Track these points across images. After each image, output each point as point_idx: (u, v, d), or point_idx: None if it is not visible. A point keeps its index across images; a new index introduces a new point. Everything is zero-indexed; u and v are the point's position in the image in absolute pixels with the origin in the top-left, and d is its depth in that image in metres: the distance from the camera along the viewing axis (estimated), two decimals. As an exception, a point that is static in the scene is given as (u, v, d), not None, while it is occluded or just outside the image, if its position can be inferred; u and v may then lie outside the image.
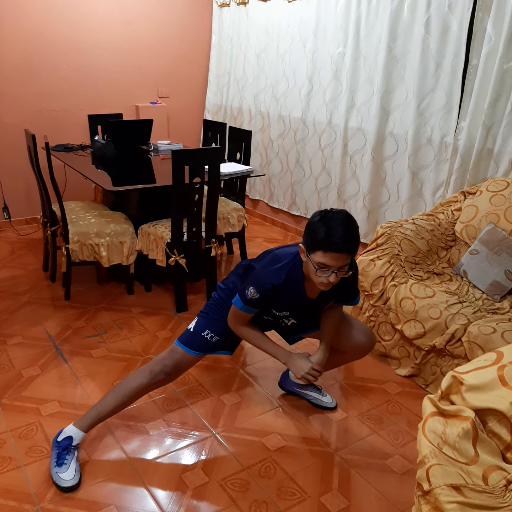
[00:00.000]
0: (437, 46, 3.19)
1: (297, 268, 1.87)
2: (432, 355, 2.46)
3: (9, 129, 4.33)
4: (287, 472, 1.99)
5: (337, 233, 1.65)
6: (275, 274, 1.86)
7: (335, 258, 1.67)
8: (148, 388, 2.02)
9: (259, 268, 1.93)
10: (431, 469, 1.17)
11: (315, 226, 1.70)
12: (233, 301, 1.96)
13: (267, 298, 1.87)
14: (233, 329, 2.04)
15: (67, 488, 1.86)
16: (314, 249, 1.70)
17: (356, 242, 1.71)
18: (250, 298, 1.88)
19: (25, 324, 2.97)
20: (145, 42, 4.78)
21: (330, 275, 1.71)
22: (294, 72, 4.34)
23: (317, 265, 1.71)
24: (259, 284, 1.86)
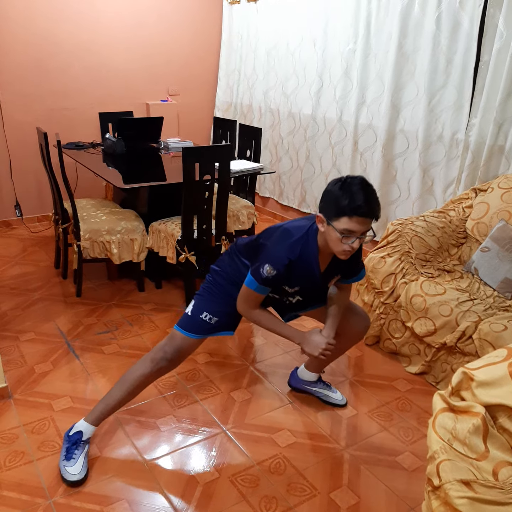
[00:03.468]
0: (448, 43, 3.17)
1: (312, 241, 1.85)
2: (442, 352, 2.45)
3: (21, 128, 4.37)
4: (297, 468, 2.00)
5: (360, 198, 1.66)
6: (291, 249, 1.82)
7: (361, 222, 1.68)
8: (152, 376, 2.00)
9: (272, 244, 1.86)
10: (441, 465, 1.17)
11: (336, 193, 1.69)
12: (246, 282, 1.90)
13: (283, 275, 1.83)
14: (244, 314, 1.99)
15: (72, 482, 1.88)
16: (338, 216, 1.69)
17: (378, 205, 1.72)
18: (266, 276, 1.82)
19: (37, 320, 3.00)
20: (155, 40, 4.79)
21: (354, 241, 1.72)
22: (304, 69, 4.33)
23: (342, 232, 1.70)
24: (276, 260, 1.81)
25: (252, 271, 1.87)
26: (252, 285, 1.87)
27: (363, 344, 2.86)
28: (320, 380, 2.40)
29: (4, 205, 4.51)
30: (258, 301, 1.94)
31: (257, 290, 1.88)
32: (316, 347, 1.95)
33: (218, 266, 2.08)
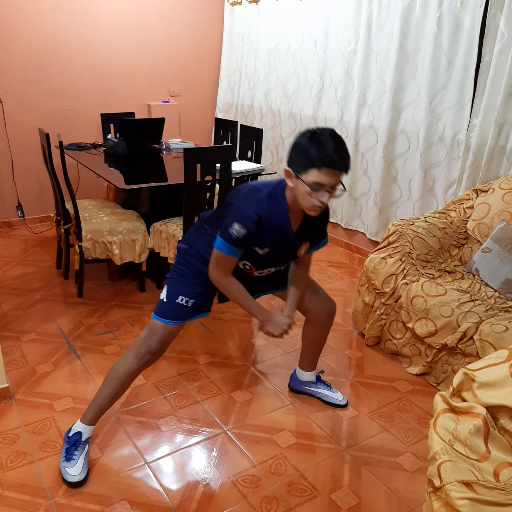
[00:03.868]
0: (449, 43, 3.17)
1: (280, 197, 1.78)
2: (443, 353, 2.45)
3: (23, 128, 4.37)
4: (298, 469, 2.00)
5: (330, 148, 1.59)
6: (259, 204, 1.75)
7: (330, 174, 1.62)
8: (138, 371, 1.97)
9: (239, 202, 1.78)
10: (443, 466, 1.17)
11: (305, 144, 1.63)
12: (215, 245, 1.81)
13: (253, 233, 1.75)
14: (216, 281, 1.90)
15: (73, 483, 1.88)
16: (307, 168, 1.63)
17: (348, 156, 1.65)
18: (237, 236, 1.74)
19: (38, 320, 3.01)
20: (157, 41, 4.80)
21: (323, 195, 1.66)
22: (305, 70, 4.33)
23: (311, 185, 1.64)
24: (244, 217, 1.73)
25: (221, 232, 1.78)
26: (223, 247, 1.79)
27: (364, 345, 2.86)
28: (320, 381, 2.40)
29: (6, 206, 4.52)
30: (230, 266, 1.86)
31: (228, 253, 1.79)
32: (279, 327, 1.96)
33: (186, 244, 2.00)
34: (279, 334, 1.97)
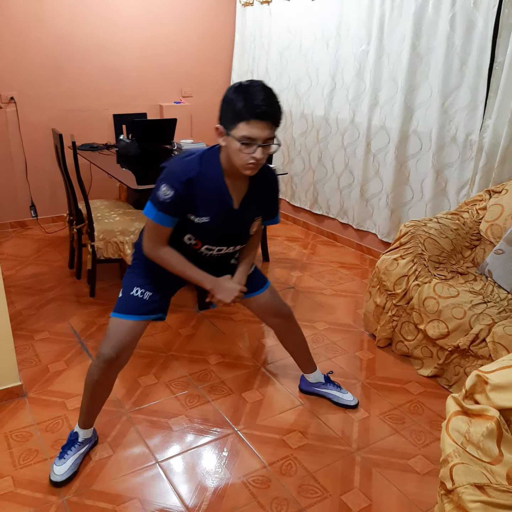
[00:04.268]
0: (462, 43, 3.15)
1: (214, 158, 1.67)
2: (455, 355, 2.43)
3: (37, 129, 4.41)
4: (308, 470, 1.99)
5: (258, 97, 1.51)
6: (188, 165, 1.64)
7: (260, 127, 1.53)
8: (107, 379, 1.88)
9: (169, 164, 1.69)
10: (455, 468, 1.17)
11: (232, 97, 1.53)
12: (144, 211, 1.70)
13: (181, 196, 1.64)
14: (150, 254, 1.79)
15: (52, 482, 1.88)
16: (235, 122, 1.54)
17: (279, 108, 1.56)
18: (164, 198, 1.63)
19: (51, 320, 3.03)
20: (169, 42, 4.82)
21: (256, 150, 1.55)
22: (317, 70, 4.33)
23: (241, 140, 1.54)
24: (172, 178, 1.63)
25: (150, 196, 1.69)
26: (151, 214, 1.68)
27: (375, 346, 2.85)
28: (329, 382, 2.40)
29: (20, 206, 4.56)
30: (163, 235, 1.74)
31: (156, 220, 1.67)
32: (230, 293, 1.86)
33: (139, 238, 1.93)
34: (230, 301, 1.87)
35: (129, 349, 1.87)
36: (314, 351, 2.79)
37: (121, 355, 1.84)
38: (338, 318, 3.16)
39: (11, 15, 4.05)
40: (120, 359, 1.84)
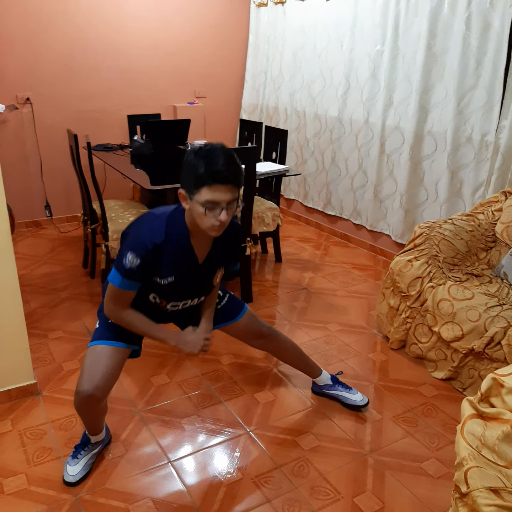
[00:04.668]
0: (478, 43, 3.12)
1: (179, 221, 1.66)
2: (470, 358, 2.41)
3: (52, 129, 4.45)
4: (321, 472, 1.99)
5: (219, 161, 1.50)
6: (155, 232, 1.63)
7: (223, 190, 1.52)
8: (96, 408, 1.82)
9: (134, 230, 1.67)
10: (470, 472, 1.15)
11: (192, 162, 1.53)
12: (109, 278, 1.67)
13: (149, 263, 1.62)
14: (112, 317, 1.76)
15: (66, 482, 1.90)
16: (197, 187, 1.52)
17: (240, 170, 1.56)
18: (130, 267, 1.60)
19: (64, 319, 3.06)
20: (183, 42, 4.84)
21: (220, 213, 1.55)
22: (331, 71, 4.31)
23: (204, 205, 1.53)
24: (138, 246, 1.60)
25: (115, 264, 1.65)
26: (116, 281, 1.65)
27: (388, 348, 2.84)
28: (337, 383, 2.38)
29: (35, 206, 4.61)
30: (127, 300, 1.72)
31: (122, 286, 1.65)
32: (195, 345, 1.81)
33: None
34: (197, 352, 1.81)
35: (107, 382, 1.77)
36: (327, 353, 2.78)
37: (100, 390, 1.75)
38: (351, 319, 3.15)
39: (26, 17, 4.10)
40: (99, 394, 1.75)
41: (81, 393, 1.73)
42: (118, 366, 1.82)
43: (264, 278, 3.71)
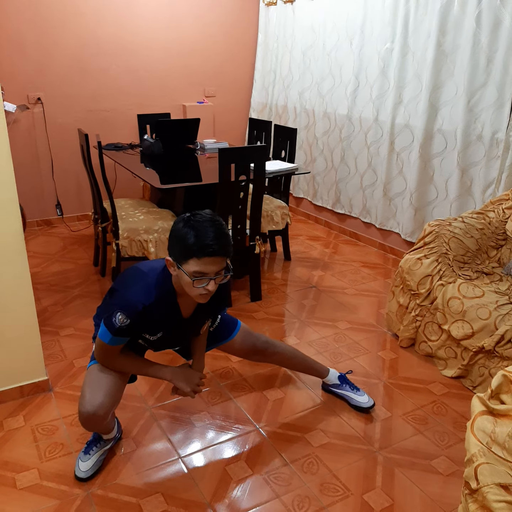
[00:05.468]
0: (489, 41, 3.11)
1: (167, 283, 1.68)
2: (480, 356, 2.40)
3: (63, 128, 4.49)
4: (330, 469, 1.99)
5: (209, 235, 1.50)
6: (143, 292, 1.64)
7: (211, 263, 1.53)
8: (100, 424, 1.82)
9: (124, 288, 1.67)
10: (480, 468, 1.16)
11: (181, 232, 1.53)
12: (99, 334, 1.70)
13: (138, 324, 1.66)
14: (105, 365, 1.80)
15: (78, 477, 1.92)
16: (186, 258, 1.53)
17: (229, 241, 1.57)
18: (120, 326, 1.63)
19: (76, 316, 3.08)
20: (192, 42, 4.85)
21: (208, 283, 1.57)
22: (340, 69, 4.31)
23: (192, 275, 1.54)
24: (128, 307, 1.62)
25: (105, 320, 1.66)
26: (106, 338, 1.68)
27: (398, 346, 2.83)
28: (345, 382, 2.37)
29: (46, 204, 4.65)
30: (116, 351, 1.76)
31: (111, 342, 1.69)
32: (189, 381, 1.83)
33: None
34: (190, 390, 1.83)
35: (110, 401, 1.77)
36: (336, 351, 2.78)
37: (102, 408, 1.74)
38: (360, 317, 3.15)
39: (37, 18, 4.13)
40: (102, 412, 1.74)
41: (84, 413, 1.74)
42: (120, 383, 1.84)
43: (273, 276, 3.72)
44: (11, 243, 2.11)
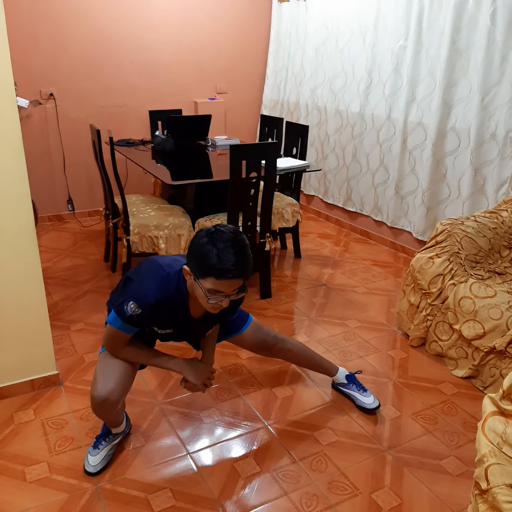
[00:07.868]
0: (504, 38, 3.07)
1: (182, 283, 1.69)
2: (491, 356, 2.38)
3: (74, 124, 4.51)
4: (339, 467, 1.99)
5: (230, 259, 1.49)
6: (159, 286, 1.66)
7: (229, 284, 1.53)
8: (111, 411, 1.83)
9: (139, 279, 1.70)
10: (490, 468, 1.15)
11: (203, 250, 1.52)
12: (108, 319, 1.72)
13: (148, 315, 1.67)
14: (113, 355, 1.81)
15: (87, 471, 1.93)
16: (204, 276, 1.53)
17: (250, 265, 1.56)
18: (131, 314, 1.65)
19: (86, 311, 3.10)
20: (204, 38, 4.85)
21: (223, 300, 1.58)
22: (353, 66, 4.29)
23: (208, 292, 1.55)
24: (142, 297, 1.64)
25: (116, 307, 1.68)
26: (115, 323, 1.69)
27: (408, 345, 2.82)
28: (352, 382, 2.36)
29: (57, 200, 4.68)
30: (125, 340, 1.77)
31: (120, 328, 1.70)
32: (199, 375, 1.83)
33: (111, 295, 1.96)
34: (200, 384, 1.83)
35: (122, 387, 1.79)
36: (346, 349, 2.78)
37: (114, 394, 1.76)
38: (371, 316, 3.14)
39: (49, 14, 4.15)
40: (114, 398, 1.76)
41: (96, 398, 1.75)
42: (132, 370, 1.85)
43: (283, 274, 3.72)
44: (23, 237, 2.13)
